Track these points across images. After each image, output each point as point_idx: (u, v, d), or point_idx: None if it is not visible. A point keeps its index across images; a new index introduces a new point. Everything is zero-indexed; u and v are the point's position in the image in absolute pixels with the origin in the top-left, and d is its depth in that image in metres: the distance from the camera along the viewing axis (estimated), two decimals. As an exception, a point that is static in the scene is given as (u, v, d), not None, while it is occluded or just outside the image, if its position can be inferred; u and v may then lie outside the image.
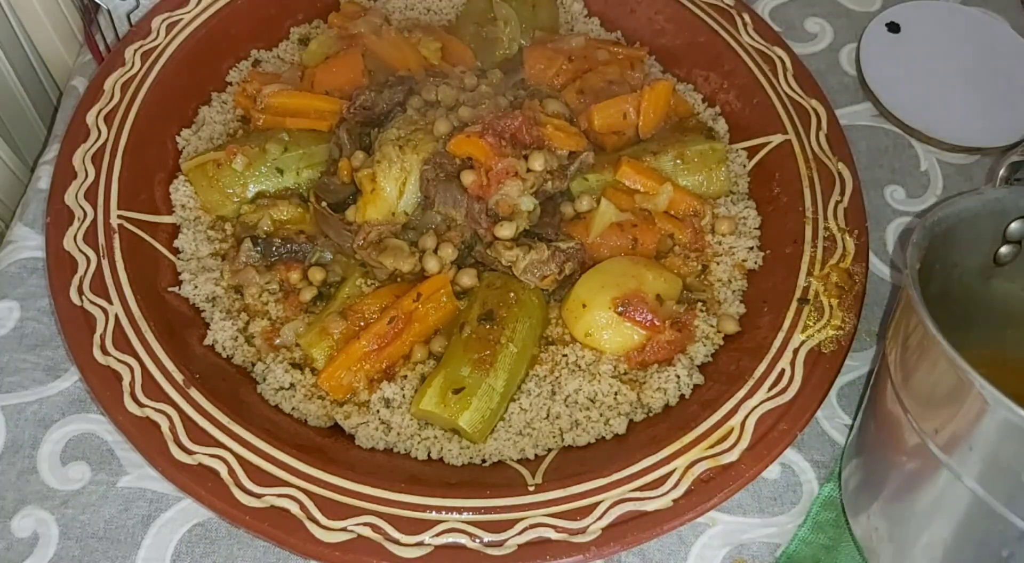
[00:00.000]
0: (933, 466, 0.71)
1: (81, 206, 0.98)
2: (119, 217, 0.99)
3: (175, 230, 1.03)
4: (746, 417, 0.88)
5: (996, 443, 0.65)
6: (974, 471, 0.67)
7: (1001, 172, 0.94)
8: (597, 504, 0.83)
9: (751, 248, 1.04)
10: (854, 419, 0.96)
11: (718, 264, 1.03)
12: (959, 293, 0.82)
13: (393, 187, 1.00)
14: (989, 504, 0.67)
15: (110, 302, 0.92)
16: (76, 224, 0.97)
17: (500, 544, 0.81)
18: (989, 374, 0.63)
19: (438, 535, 0.81)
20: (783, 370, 0.91)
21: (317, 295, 0.99)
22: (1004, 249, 0.82)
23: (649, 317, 0.94)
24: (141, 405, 0.86)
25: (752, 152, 1.11)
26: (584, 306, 0.95)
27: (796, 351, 0.92)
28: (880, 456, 0.80)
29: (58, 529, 0.87)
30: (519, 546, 0.81)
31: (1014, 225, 0.80)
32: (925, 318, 0.67)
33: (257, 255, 0.99)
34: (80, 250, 0.95)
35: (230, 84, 1.17)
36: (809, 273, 0.98)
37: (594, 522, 0.82)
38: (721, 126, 1.15)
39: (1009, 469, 0.65)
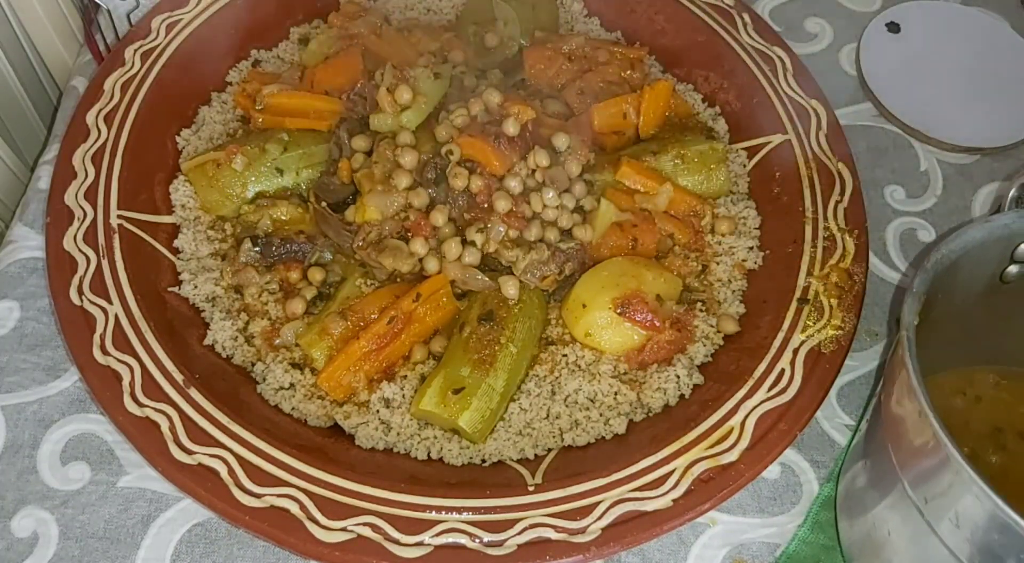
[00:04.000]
0: (921, 527, 0.70)
1: (81, 206, 0.98)
2: (119, 217, 0.99)
3: (175, 230, 1.03)
4: (746, 417, 0.88)
5: (985, 528, 0.63)
6: (964, 550, 0.66)
7: (1012, 193, 0.93)
8: (597, 504, 0.83)
9: (751, 248, 1.04)
10: (859, 422, 0.95)
11: (718, 264, 1.03)
12: (962, 311, 0.81)
13: (393, 187, 0.99)
14: None
15: (110, 302, 0.92)
16: (76, 224, 0.97)
17: (500, 544, 0.81)
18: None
19: (438, 535, 0.81)
20: (783, 370, 0.91)
21: (317, 295, 0.99)
22: (1012, 269, 0.81)
23: (649, 317, 0.94)
24: (141, 405, 0.86)
25: (752, 152, 1.11)
26: (584, 306, 0.95)
27: (796, 351, 0.92)
28: (871, 507, 0.79)
29: (58, 529, 0.87)
30: (519, 546, 0.81)
31: (1023, 246, 0.79)
32: (926, 406, 0.64)
33: (257, 255, 0.99)
34: (80, 250, 0.95)
35: (230, 84, 1.17)
36: (809, 273, 0.98)
37: (594, 522, 0.82)
38: (721, 126, 1.15)
39: (997, 556, 0.64)
